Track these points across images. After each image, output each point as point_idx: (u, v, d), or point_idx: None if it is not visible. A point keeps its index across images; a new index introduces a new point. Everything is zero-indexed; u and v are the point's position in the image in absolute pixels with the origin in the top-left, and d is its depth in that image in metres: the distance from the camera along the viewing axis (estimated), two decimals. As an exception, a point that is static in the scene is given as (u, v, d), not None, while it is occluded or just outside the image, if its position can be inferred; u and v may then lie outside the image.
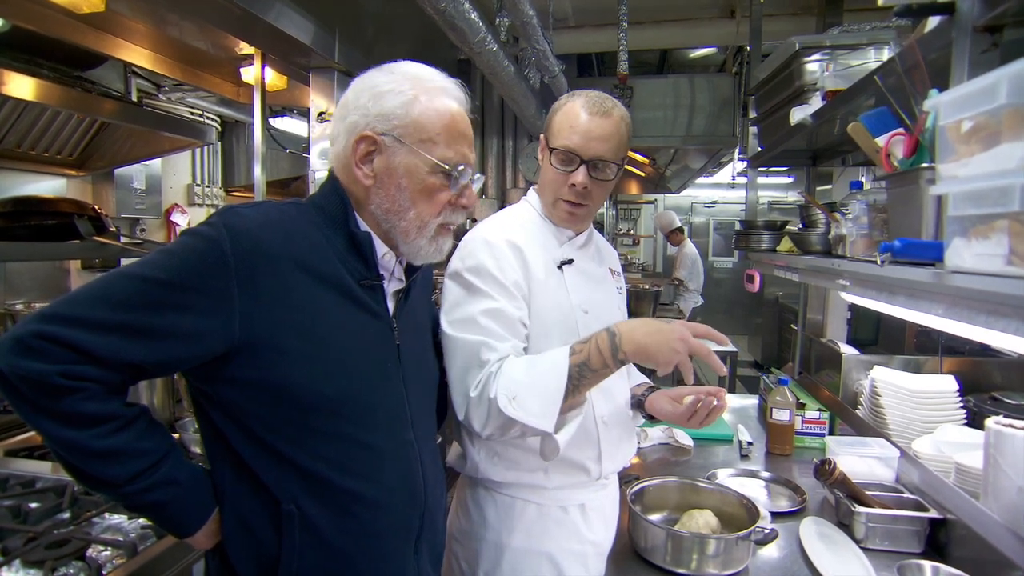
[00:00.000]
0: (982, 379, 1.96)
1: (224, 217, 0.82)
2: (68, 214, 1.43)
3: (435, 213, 0.92)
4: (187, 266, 0.79)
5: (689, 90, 4.27)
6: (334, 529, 0.86)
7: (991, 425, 1.23)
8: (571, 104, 1.16)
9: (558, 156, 1.15)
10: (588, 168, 1.13)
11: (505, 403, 0.97)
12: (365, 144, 0.89)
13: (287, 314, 0.83)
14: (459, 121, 0.93)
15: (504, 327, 1.07)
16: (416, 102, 0.89)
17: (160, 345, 0.78)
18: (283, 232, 0.85)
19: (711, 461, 1.89)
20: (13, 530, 1.19)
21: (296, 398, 0.83)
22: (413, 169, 0.90)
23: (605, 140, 1.13)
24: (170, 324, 0.77)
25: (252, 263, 0.80)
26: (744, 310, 8.17)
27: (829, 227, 1.67)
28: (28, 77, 1.84)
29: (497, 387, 0.99)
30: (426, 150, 0.90)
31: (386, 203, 0.91)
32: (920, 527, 1.34)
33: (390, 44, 2.36)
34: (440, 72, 0.95)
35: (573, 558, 1.17)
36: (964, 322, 0.90)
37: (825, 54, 1.79)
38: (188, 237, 0.82)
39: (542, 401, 0.97)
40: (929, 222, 1.02)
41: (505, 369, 1.01)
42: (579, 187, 1.14)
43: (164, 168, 3.10)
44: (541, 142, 1.22)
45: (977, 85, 0.79)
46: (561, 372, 0.98)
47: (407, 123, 0.89)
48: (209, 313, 0.79)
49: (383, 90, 0.89)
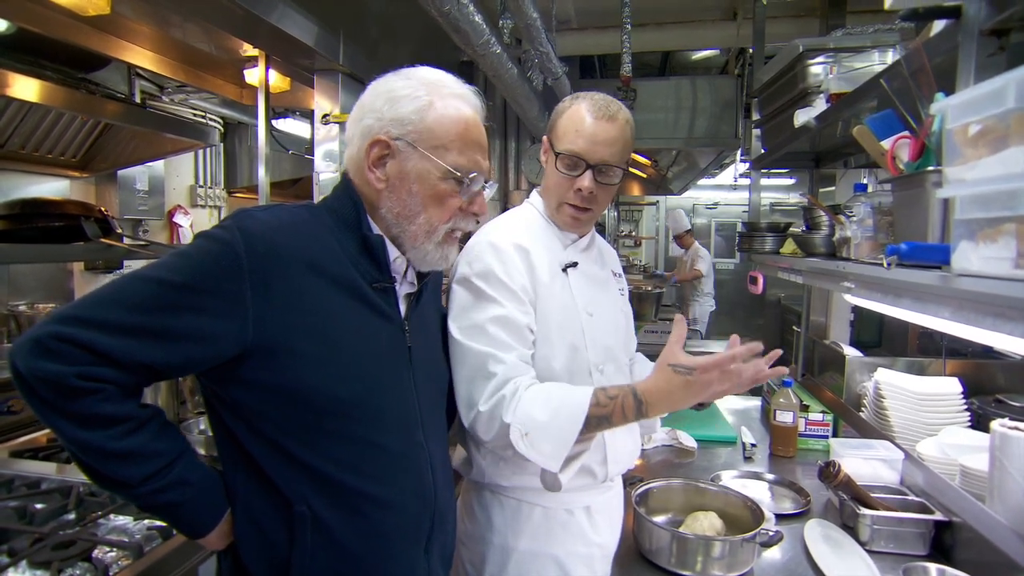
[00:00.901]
0: (986, 381, 1.96)
1: (238, 220, 0.83)
2: (75, 216, 1.44)
3: (445, 219, 0.93)
4: (202, 269, 0.79)
5: (691, 92, 4.27)
6: (346, 530, 0.86)
7: (997, 427, 1.23)
8: (576, 107, 1.15)
9: (564, 161, 1.14)
10: (594, 173, 1.13)
11: (518, 437, 0.99)
12: (378, 148, 0.90)
13: (300, 317, 0.83)
14: (473, 128, 0.93)
15: (511, 335, 1.07)
16: (431, 108, 0.90)
17: (175, 347, 0.78)
18: (296, 235, 0.85)
19: (714, 463, 1.89)
20: (19, 531, 1.19)
21: (308, 400, 0.84)
22: (425, 174, 0.90)
23: (611, 144, 1.12)
24: (185, 326, 0.78)
25: (266, 266, 0.81)
26: (746, 312, 8.17)
27: (833, 229, 1.68)
28: (32, 79, 1.85)
29: (513, 416, 1.00)
30: (439, 156, 0.90)
31: (397, 207, 0.91)
32: (925, 530, 1.34)
33: (393, 46, 2.36)
34: (457, 79, 0.96)
35: (579, 561, 1.17)
36: (971, 325, 0.90)
37: (829, 56, 1.79)
38: (202, 240, 0.82)
39: (554, 445, 0.98)
40: (935, 225, 1.02)
41: (524, 401, 1.01)
42: (585, 192, 1.14)
43: (167, 169, 3.11)
44: (544, 144, 1.21)
45: (985, 89, 0.79)
46: (578, 420, 0.98)
47: (421, 128, 0.89)
48: (223, 315, 0.79)
49: (399, 95, 0.90)
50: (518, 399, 1.02)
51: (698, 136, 4.30)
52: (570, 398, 1.01)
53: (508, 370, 1.04)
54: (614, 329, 1.26)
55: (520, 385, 1.04)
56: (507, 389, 1.03)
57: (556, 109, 1.20)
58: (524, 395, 1.02)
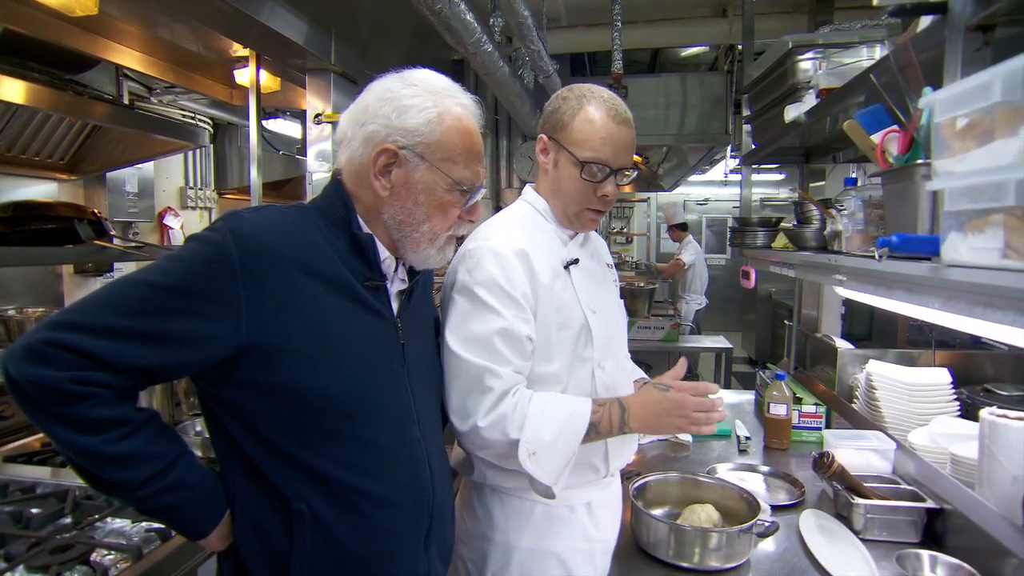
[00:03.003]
0: (974, 371, 1.99)
1: (229, 222, 0.83)
2: (68, 218, 1.42)
3: (447, 228, 0.95)
4: (194, 272, 0.79)
5: (681, 89, 4.29)
6: (345, 527, 0.87)
7: (986, 416, 1.25)
8: (591, 111, 1.12)
9: (589, 170, 1.12)
10: (616, 177, 1.14)
11: (525, 456, 1.02)
12: (386, 156, 0.90)
13: (293, 317, 0.83)
14: (476, 141, 0.95)
15: (510, 347, 1.07)
16: (440, 121, 0.91)
17: (169, 349, 0.78)
18: (287, 235, 0.86)
19: (710, 456, 1.90)
20: (15, 536, 1.18)
21: (304, 400, 0.84)
22: (432, 186, 0.91)
23: (631, 149, 1.14)
24: (179, 329, 0.78)
25: (258, 267, 0.81)
26: (738, 307, 8.22)
27: (824, 223, 1.69)
28: (19, 80, 1.82)
29: (522, 434, 1.02)
30: (446, 169, 0.91)
31: (401, 215, 0.92)
32: (917, 517, 1.36)
33: (385, 45, 2.36)
34: (457, 85, 0.97)
35: (581, 557, 1.18)
36: (961, 315, 0.91)
37: (818, 52, 1.81)
38: (194, 243, 0.82)
39: (556, 464, 1.04)
40: (925, 217, 1.04)
41: (531, 419, 1.03)
42: (611, 197, 1.15)
43: (156, 171, 3.08)
44: (543, 143, 1.18)
45: (972, 83, 0.80)
46: (580, 434, 1.05)
47: (431, 142, 0.90)
48: (217, 317, 0.79)
49: (406, 104, 0.90)
50: (523, 416, 1.03)
51: (688, 132, 4.32)
52: (574, 415, 1.05)
53: (504, 384, 1.05)
54: (614, 324, 1.26)
55: (520, 400, 1.05)
56: (507, 405, 1.04)
57: (559, 108, 1.15)
58: (529, 411, 1.04)
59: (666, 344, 3.98)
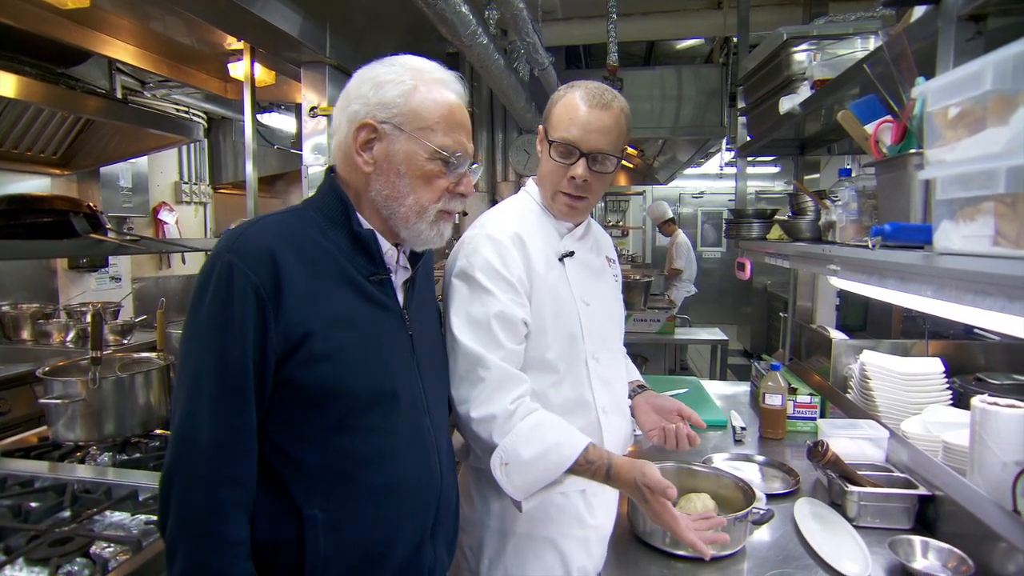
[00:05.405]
0: (966, 361, 2.01)
1: (230, 243, 0.84)
2: (63, 212, 1.42)
3: (434, 199, 0.94)
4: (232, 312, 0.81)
5: (676, 81, 4.28)
6: (356, 521, 0.88)
7: (977, 403, 1.26)
8: (571, 96, 1.16)
9: (557, 149, 1.15)
10: (588, 161, 1.14)
11: (497, 463, 1.03)
12: (366, 132, 0.91)
13: (310, 320, 0.85)
14: (457, 112, 0.95)
15: (504, 330, 1.09)
16: (416, 91, 0.91)
17: (250, 397, 0.83)
18: (290, 241, 0.87)
19: (706, 446, 1.91)
20: (15, 529, 1.18)
21: (327, 400, 0.86)
22: (412, 155, 0.91)
23: (605, 133, 1.13)
24: (248, 371, 0.82)
25: (273, 278, 0.83)
26: (733, 299, 8.26)
27: (819, 214, 1.70)
28: (10, 74, 1.81)
29: (502, 443, 1.03)
30: (425, 137, 0.91)
31: (385, 189, 0.92)
32: (910, 504, 1.38)
33: (380, 38, 2.35)
34: (440, 65, 0.97)
35: (576, 543, 1.19)
36: (952, 302, 0.92)
37: (812, 44, 1.82)
38: (213, 283, 0.82)
39: (527, 482, 1.03)
40: (918, 206, 1.05)
41: (517, 433, 1.04)
42: (578, 180, 1.15)
43: (151, 166, 3.07)
44: (540, 133, 1.22)
45: (963, 72, 0.81)
46: (562, 465, 1.03)
47: (406, 111, 0.90)
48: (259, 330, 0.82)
49: (384, 80, 0.91)
50: (512, 426, 1.04)
51: (684, 125, 4.32)
52: (563, 445, 1.04)
53: (493, 376, 1.06)
54: (608, 317, 1.27)
55: (519, 410, 1.05)
56: (500, 407, 1.04)
57: (551, 98, 1.20)
58: (521, 424, 1.04)
59: (662, 336, 4.00)
